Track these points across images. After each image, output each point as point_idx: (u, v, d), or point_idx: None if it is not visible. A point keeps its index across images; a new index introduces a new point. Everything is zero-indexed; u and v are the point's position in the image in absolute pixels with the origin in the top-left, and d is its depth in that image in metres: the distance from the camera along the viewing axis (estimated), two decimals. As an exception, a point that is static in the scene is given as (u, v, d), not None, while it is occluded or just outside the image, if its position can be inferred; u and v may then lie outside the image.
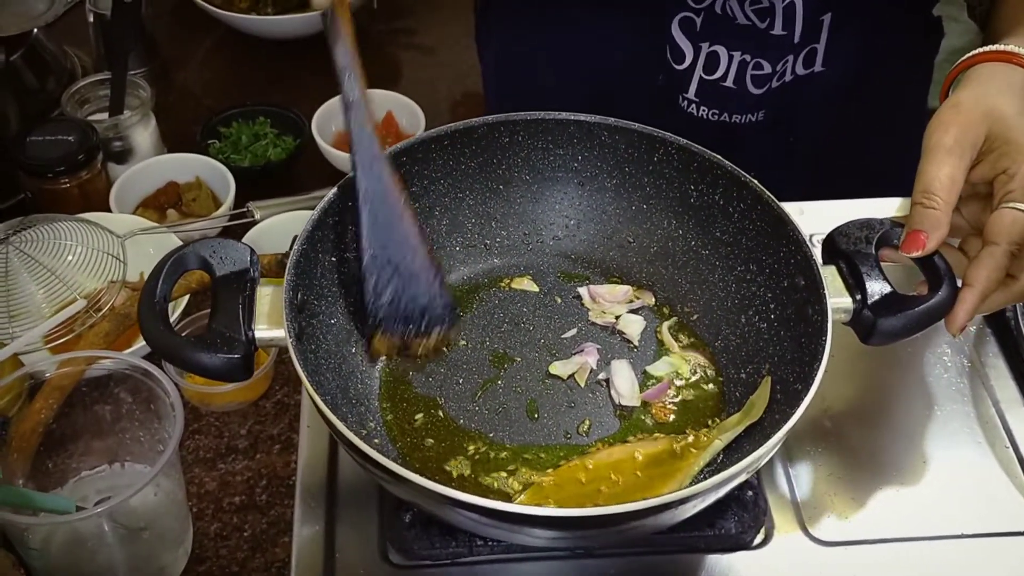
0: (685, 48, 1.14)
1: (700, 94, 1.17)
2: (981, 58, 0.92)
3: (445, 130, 0.95)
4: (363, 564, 0.86)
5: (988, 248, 0.83)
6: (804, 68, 1.15)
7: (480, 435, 0.89)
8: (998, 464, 0.95)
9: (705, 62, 1.14)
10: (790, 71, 1.14)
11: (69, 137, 1.23)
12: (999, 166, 0.86)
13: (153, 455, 0.91)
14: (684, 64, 1.15)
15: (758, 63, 1.13)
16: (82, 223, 1.12)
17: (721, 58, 1.13)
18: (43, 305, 1.07)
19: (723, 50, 1.12)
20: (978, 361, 1.03)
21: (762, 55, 1.12)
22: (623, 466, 0.86)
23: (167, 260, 0.82)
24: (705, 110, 1.17)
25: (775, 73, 1.14)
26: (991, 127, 0.86)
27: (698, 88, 1.16)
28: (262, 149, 1.39)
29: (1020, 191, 0.84)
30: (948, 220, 0.83)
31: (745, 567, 0.87)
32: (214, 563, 0.91)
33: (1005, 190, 0.85)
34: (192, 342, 0.78)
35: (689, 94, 1.17)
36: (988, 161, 0.86)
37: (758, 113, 1.17)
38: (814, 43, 1.13)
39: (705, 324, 0.97)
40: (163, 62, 1.59)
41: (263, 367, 1.02)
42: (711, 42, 1.13)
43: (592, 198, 1.02)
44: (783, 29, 1.10)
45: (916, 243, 0.84)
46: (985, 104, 0.87)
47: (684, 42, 1.14)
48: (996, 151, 0.86)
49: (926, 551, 0.89)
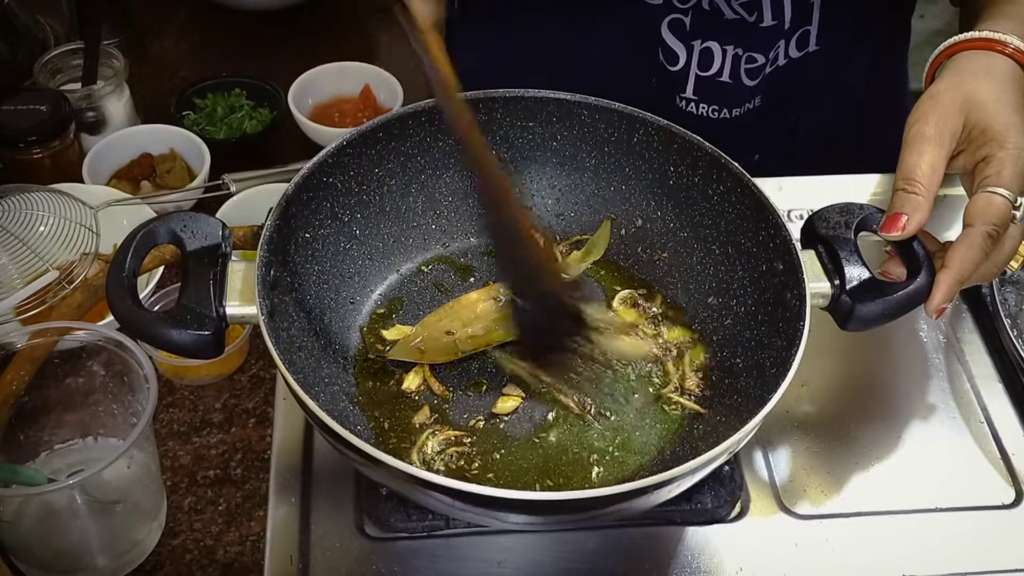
0: (678, 49, 1.13)
1: (698, 92, 1.17)
2: (963, 46, 0.92)
3: (423, 105, 0.95)
4: (339, 537, 0.86)
5: (965, 231, 0.84)
6: (798, 50, 1.15)
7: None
8: (973, 439, 0.96)
9: (699, 59, 1.14)
10: (783, 55, 1.14)
11: (41, 107, 1.21)
12: (978, 155, 0.87)
13: (126, 428, 0.91)
14: (678, 65, 1.15)
15: (751, 56, 1.13)
16: (54, 194, 1.10)
17: (715, 53, 1.13)
18: (14, 276, 1.06)
19: (716, 45, 1.12)
20: (953, 337, 1.04)
21: (753, 47, 1.12)
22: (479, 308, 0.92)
23: (136, 234, 0.81)
24: (705, 107, 1.17)
25: (768, 61, 1.13)
26: (968, 115, 0.87)
27: (695, 86, 1.16)
28: (238, 121, 1.37)
29: (996, 175, 0.85)
30: (929, 206, 0.84)
31: (721, 540, 0.88)
32: (188, 536, 0.91)
33: (982, 176, 0.86)
34: (161, 318, 0.77)
35: (687, 93, 1.17)
36: (968, 151, 0.88)
37: (754, 100, 1.17)
38: (806, 25, 1.13)
39: (683, 307, 0.97)
40: (137, 32, 1.56)
41: (238, 341, 1.01)
42: (703, 39, 1.12)
43: (571, 178, 1.01)
44: (773, 19, 1.10)
45: (896, 225, 0.84)
46: (962, 93, 0.88)
47: (676, 43, 1.13)
48: (975, 141, 0.87)
49: (901, 525, 0.90)
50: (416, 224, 1.00)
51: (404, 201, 0.98)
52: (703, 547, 0.88)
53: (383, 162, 0.95)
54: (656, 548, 0.88)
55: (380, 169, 0.95)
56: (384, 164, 0.95)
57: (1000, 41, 0.90)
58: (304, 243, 0.90)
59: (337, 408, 0.87)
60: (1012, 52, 0.90)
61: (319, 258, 0.92)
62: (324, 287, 0.92)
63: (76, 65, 1.34)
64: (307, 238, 0.91)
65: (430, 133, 0.97)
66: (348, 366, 0.92)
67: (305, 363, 0.86)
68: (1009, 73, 0.90)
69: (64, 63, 1.35)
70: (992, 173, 0.85)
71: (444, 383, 0.91)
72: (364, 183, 0.95)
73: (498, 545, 0.87)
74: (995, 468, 0.94)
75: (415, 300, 0.98)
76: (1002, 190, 0.84)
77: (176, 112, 1.37)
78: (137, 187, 1.27)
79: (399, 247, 0.99)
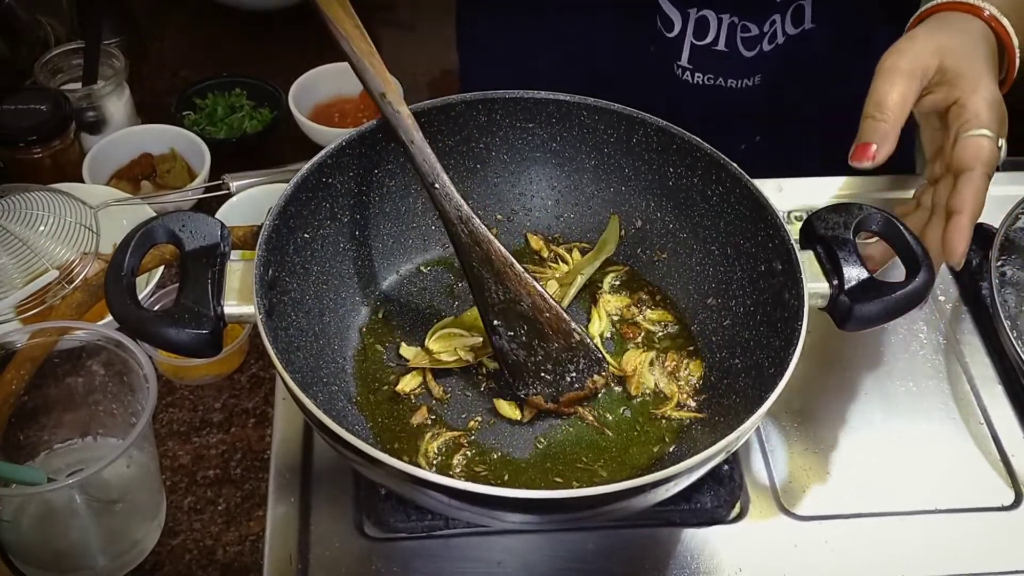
0: (673, 16, 1.14)
1: (693, 60, 1.17)
2: (945, 7, 0.96)
3: (422, 107, 0.95)
4: (339, 537, 0.86)
5: (966, 175, 0.88)
6: (794, 27, 1.15)
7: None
8: (972, 440, 0.96)
9: (695, 27, 1.14)
10: (780, 31, 1.15)
11: (41, 106, 1.21)
12: (950, 96, 0.91)
13: (126, 428, 0.91)
14: (674, 31, 1.15)
15: (745, 25, 1.13)
16: (54, 193, 1.10)
17: (711, 22, 1.13)
18: (15, 275, 1.06)
19: (711, 14, 1.13)
20: (953, 338, 1.04)
21: (748, 16, 1.13)
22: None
23: (135, 233, 0.81)
24: (700, 76, 1.18)
25: (764, 34, 1.14)
26: (943, 60, 0.91)
27: (690, 55, 1.16)
28: (238, 121, 1.37)
29: (975, 119, 0.89)
30: (896, 136, 0.88)
31: (720, 541, 0.88)
32: (188, 536, 0.91)
33: (960, 120, 0.90)
34: (159, 316, 0.77)
35: (682, 61, 1.17)
36: (940, 92, 0.92)
37: (754, 78, 1.18)
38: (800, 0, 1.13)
39: (682, 307, 0.97)
40: (138, 32, 1.57)
41: (237, 340, 1.01)
42: (699, 7, 1.13)
43: (570, 179, 1.01)
44: None
45: (866, 154, 0.89)
46: (939, 40, 0.92)
47: (672, 10, 1.14)
48: (948, 83, 0.91)
49: (900, 526, 0.90)
50: (416, 225, 1.00)
51: (404, 202, 0.98)
52: (702, 548, 0.88)
53: (383, 162, 0.95)
54: (655, 549, 0.88)
55: (380, 169, 0.95)
56: (384, 164, 0.95)
57: (978, 7, 0.95)
58: (303, 243, 0.90)
59: (335, 408, 0.87)
60: (988, 18, 0.95)
61: (318, 258, 0.92)
62: (323, 287, 0.92)
63: (76, 65, 1.34)
64: (306, 238, 0.91)
65: (429, 134, 0.95)
66: (347, 366, 0.92)
67: (303, 363, 0.86)
68: (983, 35, 0.94)
69: (64, 63, 1.35)
70: (971, 116, 0.89)
71: (442, 384, 0.91)
72: (364, 183, 0.95)
73: (498, 545, 0.87)
74: (995, 470, 0.94)
75: (414, 301, 0.98)
76: (987, 131, 0.88)
77: (176, 112, 1.37)
78: (137, 187, 1.27)
79: (398, 248, 0.99)
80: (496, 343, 0.88)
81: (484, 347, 0.92)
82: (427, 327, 0.95)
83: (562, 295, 0.97)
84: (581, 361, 0.88)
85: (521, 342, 0.87)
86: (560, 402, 0.88)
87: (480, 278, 0.87)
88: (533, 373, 0.88)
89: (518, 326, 0.87)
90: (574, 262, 1.00)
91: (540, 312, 0.87)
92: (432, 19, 1.66)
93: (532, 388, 0.88)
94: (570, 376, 0.88)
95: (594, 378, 0.89)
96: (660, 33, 1.16)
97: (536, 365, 0.88)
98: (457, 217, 0.86)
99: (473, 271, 0.87)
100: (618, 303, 0.98)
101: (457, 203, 0.86)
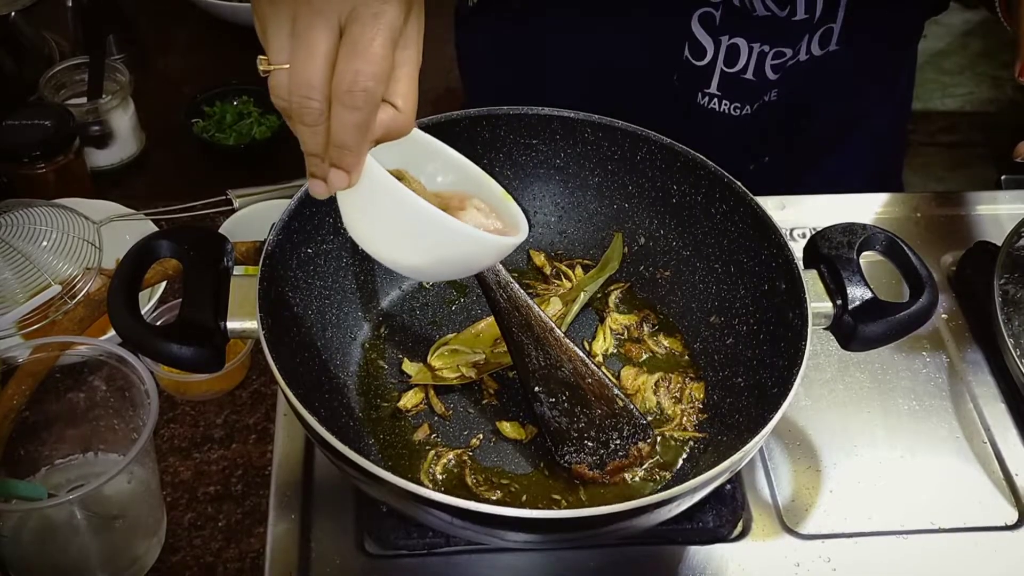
0: (706, 43, 1.13)
1: (722, 87, 1.17)
2: None
3: (426, 123, 0.94)
4: (339, 554, 0.86)
5: None
6: (820, 48, 1.15)
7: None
8: (976, 460, 0.96)
9: (726, 55, 1.14)
10: (805, 51, 1.15)
11: (46, 122, 1.21)
12: None
13: (127, 444, 0.91)
14: (705, 60, 1.15)
15: (779, 52, 1.13)
16: (58, 208, 1.11)
17: (742, 50, 1.13)
18: (17, 290, 1.06)
19: (743, 42, 1.12)
20: (957, 357, 1.04)
21: (782, 43, 1.12)
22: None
23: (138, 248, 0.81)
24: (727, 104, 1.17)
25: (795, 56, 1.14)
26: None
27: (720, 82, 1.16)
28: (247, 128, 1.38)
29: None
30: None
31: (723, 560, 0.88)
32: (188, 553, 0.91)
33: None
34: (162, 332, 0.77)
35: (711, 88, 1.17)
36: None
37: (771, 93, 1.17)
38: (830, 23, 1.13)
39: (685, 326, 0.97)
40: (142, 48, 1.57)
41: (239, 356, 1.01)
42: (731, 35, 1.12)
43: (574, 195, 1.01)
44: (805, 12, 1.10)
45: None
46: None
47: (704, 37, 1.13)
48: None
49: (902, 545, 0.90)
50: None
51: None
52: (704, 566, 0.87)
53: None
54: (657, 567, 0.87)
55: (384, 185, 0.95)
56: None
57: None
58: (306, 258, 0.90)
59: (337, 424, 0.87)
60: None
61: (321, 273, 0.92)
62: (326, 302, 0.92)
63: (81, 80, 1.35)
64: (309, 253, 0.91)
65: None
66: (349, 382, 0.92)
67: (306, 378, 0.86)
68: None
69: (68, 78, 1.36)
70: None
71: (444, 401, 0.91)
72: (367, 199, 0.95)
73: (498, 563, 0.86)
74: (998, 489, 0.94)
75: (417, 317, 0.98)
76: None
77: (185, 119, 1.37)
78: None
79: (401, 263, 0.99)
80: (538, 410, 0.86)
81: (486, 364, 0.91)
82: (429, 343, 0.95)
83: (565, 312, 0.96)
84: (625, 428, 0.87)
85: (563, 409, 0.86)
86: (605, 470, 0.87)
87: (520, 344, 0.85)
88: (576, 441, 0.86)
89: (560, 392, 0.85)
90: (577, 279, 1.00)
91: (582, 378, 0.85)
92: (435, 37, 1.64)
93: (575, 456, 0.87)
94: (614, 443, 0.87)
95: (639, 445, 0.87)
96: (688, 62, 1.15)
97: (579, 432, 0.86)
98: (495, 282, 0.84)
99: (513, 337, 0.85)
100: (624, 321, 0.97)
101: (495, 267, 0.83)
